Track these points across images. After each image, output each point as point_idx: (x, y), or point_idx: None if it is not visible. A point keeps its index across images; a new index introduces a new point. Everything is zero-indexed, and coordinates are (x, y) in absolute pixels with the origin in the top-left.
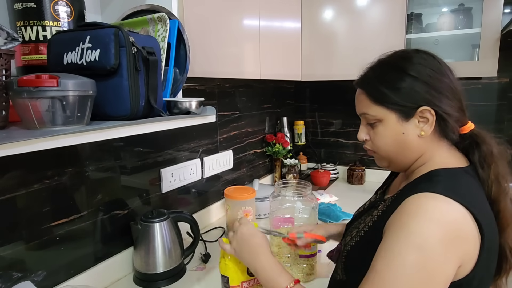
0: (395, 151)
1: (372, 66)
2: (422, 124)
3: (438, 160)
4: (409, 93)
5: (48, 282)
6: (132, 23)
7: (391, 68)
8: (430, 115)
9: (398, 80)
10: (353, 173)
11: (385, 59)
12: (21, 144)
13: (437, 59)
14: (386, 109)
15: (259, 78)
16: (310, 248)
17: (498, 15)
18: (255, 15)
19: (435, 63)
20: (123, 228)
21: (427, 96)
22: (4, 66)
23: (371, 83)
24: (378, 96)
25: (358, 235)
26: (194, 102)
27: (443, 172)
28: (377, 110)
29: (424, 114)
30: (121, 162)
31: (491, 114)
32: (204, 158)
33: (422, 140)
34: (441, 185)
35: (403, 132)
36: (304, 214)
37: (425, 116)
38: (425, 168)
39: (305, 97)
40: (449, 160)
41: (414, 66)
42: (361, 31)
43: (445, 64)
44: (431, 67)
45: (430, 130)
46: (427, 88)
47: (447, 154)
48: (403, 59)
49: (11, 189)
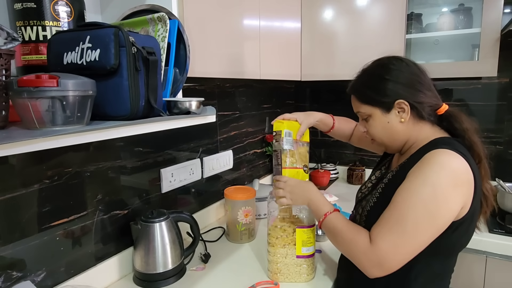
0: (386, 137)
1: (358, 75)
2: (401, 113)
3: (425, 136)
4: (386, 91)
5: (48, 282)
6: (132, 23)
7: (371, 74)
8: (405, 105)
9: (377, 83)
10: (353, 173)
11: (366, 68)
12: (21, 144)
13: (405, 62)
14: (372, 106)
15: (259, 78)
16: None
17: (498, 15)
18: (255, 15)
19: (403, 66)
20: (123, 228)
21: (400, 91)
22: (4, 66)
23: (358, 88)
24: (364, 98)
25: (374, 196)
26: (194, 102)
27: (440, 139)
28: (365, 108)
29: (401, 106)
30: (121, 162)
31: (491, 114)
32: (204, 158)
33: (405, 125)
34: (447, 145)
35: (388, 121)
36: (302, 214)
37: (401, 107)
38: (420, 142)
39: (305, 97)
40: (435, 134)
41: (388, 71)
42: (361, 31)
43: (414, 65)
44: (401, 69)
45: (407, 117)
46: (399, 85)
47: (431, 131)
48: (380, 66)
49: (11, 189)
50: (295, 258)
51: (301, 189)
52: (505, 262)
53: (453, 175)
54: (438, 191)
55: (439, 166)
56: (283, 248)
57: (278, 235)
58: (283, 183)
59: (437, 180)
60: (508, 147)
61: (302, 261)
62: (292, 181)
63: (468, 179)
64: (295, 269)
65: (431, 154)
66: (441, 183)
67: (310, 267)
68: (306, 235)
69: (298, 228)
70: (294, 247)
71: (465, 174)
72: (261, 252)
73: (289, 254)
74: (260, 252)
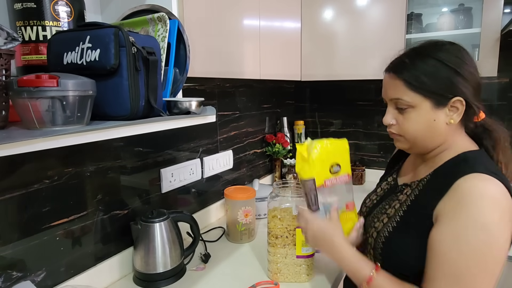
0: (423, 136)
1: (408, 53)
2: (452, 113)
3: (461, 144)
4: (447, 83)
5: (48, 282)
6: (132, 23)
7: (429, 58)
8: (461, 105)
9: (437, 70)
10: (353, 173)
11: (421, 49)
12: (21, 144)
13: (470, 55)
14: (422, 96)
15: (259, 78)
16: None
17: (498, 15)
18: (255, 15)
19: (469, 58)
20: (123, 228)
21: (461, 88)
22: (4, 66)
23: (410, 70)
24: (415, 83)
25: (393, 219)
26: (194, 102)
27: (470, 154)
28: (412, 96)
29: (456, 104)
30: (121, 162)
31: (491, 114)
32: (204, 158)
33: (449, 127)
34: (479, 166)
35: (434, 119)
36: None
37: (455, 106)
38: (449, 152)
39: (305, 97)
40: (468, 144)
41: (452, 59)
42: (361, 31)
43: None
44: (467, 61)
45: (458, 119)
46: (462, 80)
47: (465, 139)
48: (441, 51)
49: (11, 189)
50: (295, 258)
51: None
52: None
53: (502, 208)
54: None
55: (485, 201)
56: (283, 248)
57: (278, 235)
58: (303, 224)
59: (488, 219)
60: None
61: (302, 261)
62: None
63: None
64: (295, 269)
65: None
66: (493, 222)
67: (310, 267)
68: None
69: (298, 228)
70: (294, 247)
71: (506, 200)
72: (261, 252)
73: (289, 254)
74: (260, 252)
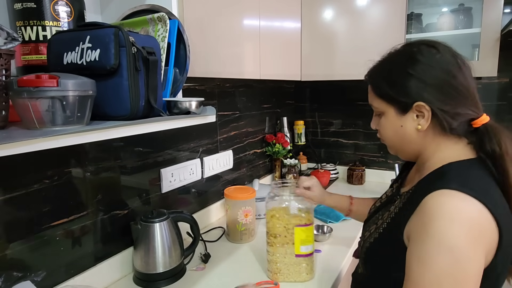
0: (398, 142)
1: (381, 60)
2: (419, 118)
3: (446, 153)
4: (405, 89)
5: (48, 282)
6: (132, 23)
7: (393, 63)
8: (426, 110)
9: (397, 76)
10: (353, 173)
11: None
12: (21, 144)
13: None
14: (386, 103)
15: (259, 78)
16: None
17: (498, 15)
18: (255, 15)
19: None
20: (123, 228)
21: (423, 92)
22: (4, 66)
23: (374, 77)
24: (378, 91)
25: (376, 231)
26: (194, 102)
27: (454, 166)
28: (379, 103)
29: (420, 109)
30: (121, 162)
31: (491, 114)
32: (204, 158)
33: (422, 133)
34: (455, 180)
35: (401, 125)
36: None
37: (421, 111)
38: (435, 162)
39: (305, 97)
40: (457, 153)
41: (414, 63)
42: (361, 31)
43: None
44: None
45: (426, 124)
46: (424, 85)
47: (455, 147)
48: (405, 55)
49: (11, 189)
50: (294, 257)
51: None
52: None
53: (469, 227)
54: (459, 255)
55: (446, 221)
56: (282, 247)
57: (276, 234)
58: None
59: (452, 241)
60: None
61: (302, 260)
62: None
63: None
64: (295, 268)
65: (432, 201)
66: (458, 243)
67: (310, 266)
68: (305, 234)
69: (297, 227)
70: (293, 246)
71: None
72: (261, 252)
73: (288, 253)
74: (260, 252)
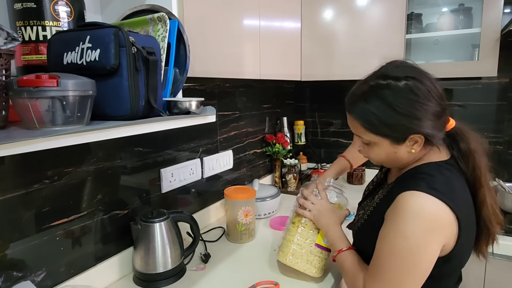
0: (388, 162)
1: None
2: (412, 143)
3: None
4: (398, 127)
5: (48, 282)
6: (132, 23)
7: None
8: (419, 138)
9: (384, 113)
10: (353, 173)
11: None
12: (21, 144)
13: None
14: (380, 136)
15: (259, 78)
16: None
17: (498, 15)
18: (255, 15)
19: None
20: (123, 228)
21: (414, 126)
22: (4, 66)
23: (362, 114)
24: (369, 127)
25: (364, 216)
26: (194, 102)
27: (425, 168)
28: (371, 136)
29: (414, 138)
30: (121, 162)
31: (491, 114)
32: (204, 158)
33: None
34: (423, 182)
35: (395, 151)
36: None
37: (414, 139)
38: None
39: (305, 97)
40: (437, 155)
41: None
42: (361, 31)
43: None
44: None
45: (419, 148)
46: (413, 120)
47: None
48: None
49: (11, 189)
50: (313, 246)
51: (328, 216)
52: (505, 262)
53: (427, 223)
54: (411, 243)
55: (410, 215)
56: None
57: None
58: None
59: (409, 231)
60: (508, 147)
61: (318, 252)
62: (326, 205)
63: (446, 223)
64: (308, 258)
65: (403, 199)
66: (414, 234)
67: (322, 264)
68: None
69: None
70: (316, 235)
71: (442, 219)
72: (261, 252)
73: (309, 239)
74: (260, 252)
